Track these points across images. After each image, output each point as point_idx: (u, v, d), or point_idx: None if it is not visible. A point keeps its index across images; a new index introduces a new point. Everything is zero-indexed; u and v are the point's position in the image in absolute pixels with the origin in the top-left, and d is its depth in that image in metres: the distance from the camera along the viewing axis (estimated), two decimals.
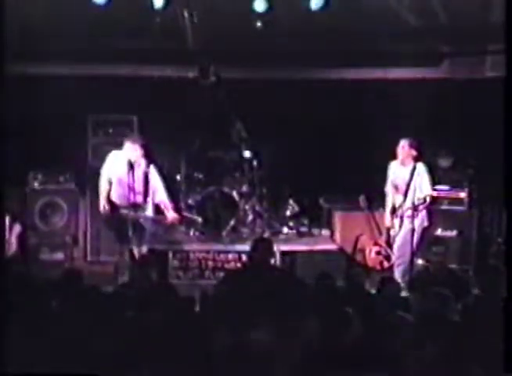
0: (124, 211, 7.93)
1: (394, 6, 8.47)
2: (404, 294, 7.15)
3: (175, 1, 7.73)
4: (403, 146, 8.22)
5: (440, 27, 8.75)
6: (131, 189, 7.91)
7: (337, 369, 4.13)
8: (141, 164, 8.03)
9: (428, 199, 8.04)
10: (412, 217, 7.94)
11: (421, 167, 8.21)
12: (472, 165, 9.19)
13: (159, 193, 8.09)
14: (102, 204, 8.04)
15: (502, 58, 5.67)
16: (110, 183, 8.09)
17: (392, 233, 8.45)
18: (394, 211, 8.39)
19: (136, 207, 7.94)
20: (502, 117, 5.32)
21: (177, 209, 8.49)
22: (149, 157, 8.15)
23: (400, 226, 8.25)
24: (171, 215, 8.11)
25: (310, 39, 8.78)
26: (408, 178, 8.17)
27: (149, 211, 8.12)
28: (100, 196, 8.10)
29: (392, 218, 8.41)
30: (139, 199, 7.98)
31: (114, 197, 8.06)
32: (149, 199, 8.09)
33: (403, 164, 8.27)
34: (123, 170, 7.97)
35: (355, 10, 8.34)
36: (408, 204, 8.09)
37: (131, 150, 7.96)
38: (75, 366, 4.12)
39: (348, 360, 4.18)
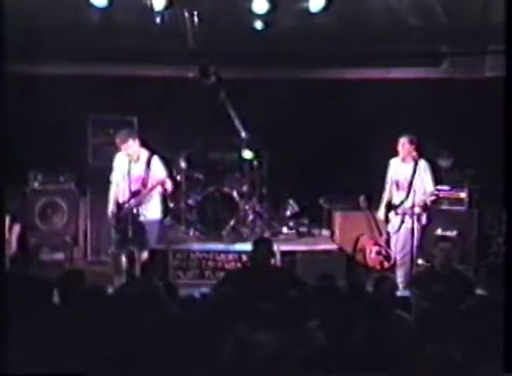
0: (126, 206, 7.91)
1: (394, 6, 8.46)
2: (405, 293, 7.16)
3: (176, 1, 7.73)
4: (403, 144, 8.21)
5: (440, 27, 8.74)
6: (135, 182, 7.93)
7: (338, 369, 4.14)
8: (142, 156, 8.05)
9: (434, 196, 8.02)
10: (419, 215, 7.93)
11: (423, 164, 8.19)
12: (472, 165, 9.19)
13: (159, 177, 8.05)
14: (110, 208, 8.04)
15: (502, 58, 5.67)
16: (118, 188, 8.11)
17: (391, 229, 8.44)
18: (390, 207, 8.37)
19: (136, 196, 7.90)
20: (502, 117, 5.31)
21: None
22: (149, 147, 8.16)
23: (401, 225, 8.22)
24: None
25: (310, 39, 8.78)
26: (410, 176, 8.16)
27: (155, 212, 8.11)
28: (109, 200, 8.11)
29: (388, 214, 8.38)
30: (139, 187, 7.95)
31: (121, 195, 8.07)
32: (154, 194, 8.05)
33: (404, 161, 8.27)
34: (126, 167, 8.01)
35: (355, 10, 8.34)
36: (410, 201, 8.07)
37: (128, 147, 7.97)
38: (75, 367, 4.12)
39: (349, 360, 4.18)
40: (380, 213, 8.54)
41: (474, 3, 8.35)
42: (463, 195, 9.09)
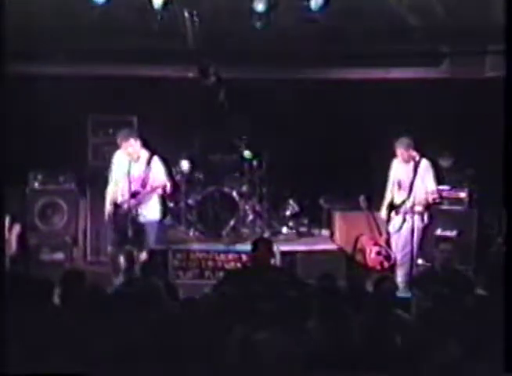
0: (125, 206, 7.90)
1: (394, 6, 8.46)
2: (406, 293, 7.15)
3: (175, 1, 7.73)
4: (402, 153, 8.17)
5: (440, 27, 8.74)
6: (135, 181, 7.92)
7: (338, 369, 4.13)
8: (142, 155, 8.05)
9: (436, 194, 8.01)
10: (420, 214, 7.92)
11: (425, 163, 8.17)
12: (472, 165, 9.18)
13: (158, 178, 8.03)
14: (107, 207, 8.02)
15: (502, 58, 5.67)
16: (117, 187, 8.09)
17: (391, 229, 8.41)
18: (392, 207, 8.34)
19: (135, 197, 7.88)
20: (502, 117, 5.31)
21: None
22: (149, 148, 8.16)
23: (402, 224, 8.19)
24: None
25: (310, 39, 8.78)
26: (412, 175, 8.14)
27: (153, 212, 8.10)
28: (106, 198, 8.10)
29: (390, 214, 8.36)
30: (139, 188, 7.94)
31: (121, 195, 8.05)
32: (153, 195, 8.05)
33: (405, 162, 8.24)
34: (126, 167, 7.98)
35: (355, 10, 8.34)
36: (412, 201, 8.05)
37: (128, 147, 7.97)
38: (75, 367, 4.12)
39: (349, 360, 4.18)
40: (383, 212, 8.50)
41: (474, 3, 8.35)
42: (463, 195, 9.08)
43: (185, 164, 9.38)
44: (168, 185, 8.10)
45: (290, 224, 9.65)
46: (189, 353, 4.19)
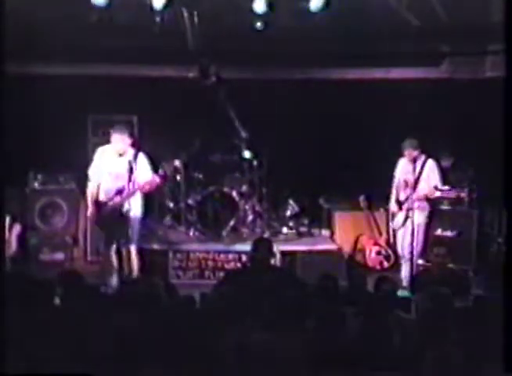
0: (110, 203, 7.78)
1: (394, 6, 8.46)
2: (406, 293, 7.16)
3: (175, 1, 7.73)
4: (409, 154, 8.13)
5: (440, 27, 8.75)
6: (119, 178, 7.80)
7: (338, 369, 4.13)
8: (128, 153, 7.87)
9: (437, 190, 7.99)
10: (423, 209, 7.89)
11: (431, 163, 8.16)
12: (472, 165, 9.18)
13: (143, 174, 7.80)
14: (90, 207, 7.93)
15: (502, 58, 5.67)
16: (98, 184, 7.96)
17: (396, 225, 8.36)
18: (398, 203, 8.30)
19: (122, 193, 7.76)
20: (502, 117, 5.31)
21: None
22: (138, 146, 8.06)
23: (406, 219, 8.15)
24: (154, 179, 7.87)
25: (310, 39, 8.78)
26: (418, 174, 8.11)
27: (137, 209, 7.97)
28: (87, 198, 7.95)
29: (397, 210, 8.30)
30: (125, 186, 7.81)
31: (104, 191, 7.92)
32: (137, 193, 7.89)
33: (412, 161, 8.20)
34: (112, 162, 7.88)
35: (355, 10, 8.34)
36: (415, 197, 8.03)
37: (119, 141, 7.85)
38: (75, 367, 4.12)
39: (349, 360, 4.18)
40: (392, 207, 8.41)
41: (474, 3, 8.36)
42: (462, 195, 9.07)
43: (177, 162, 9.35)
44: (156, 180, 7.86)
45: (290, 224, 9.63)
46: (189, 353, 4.19)
